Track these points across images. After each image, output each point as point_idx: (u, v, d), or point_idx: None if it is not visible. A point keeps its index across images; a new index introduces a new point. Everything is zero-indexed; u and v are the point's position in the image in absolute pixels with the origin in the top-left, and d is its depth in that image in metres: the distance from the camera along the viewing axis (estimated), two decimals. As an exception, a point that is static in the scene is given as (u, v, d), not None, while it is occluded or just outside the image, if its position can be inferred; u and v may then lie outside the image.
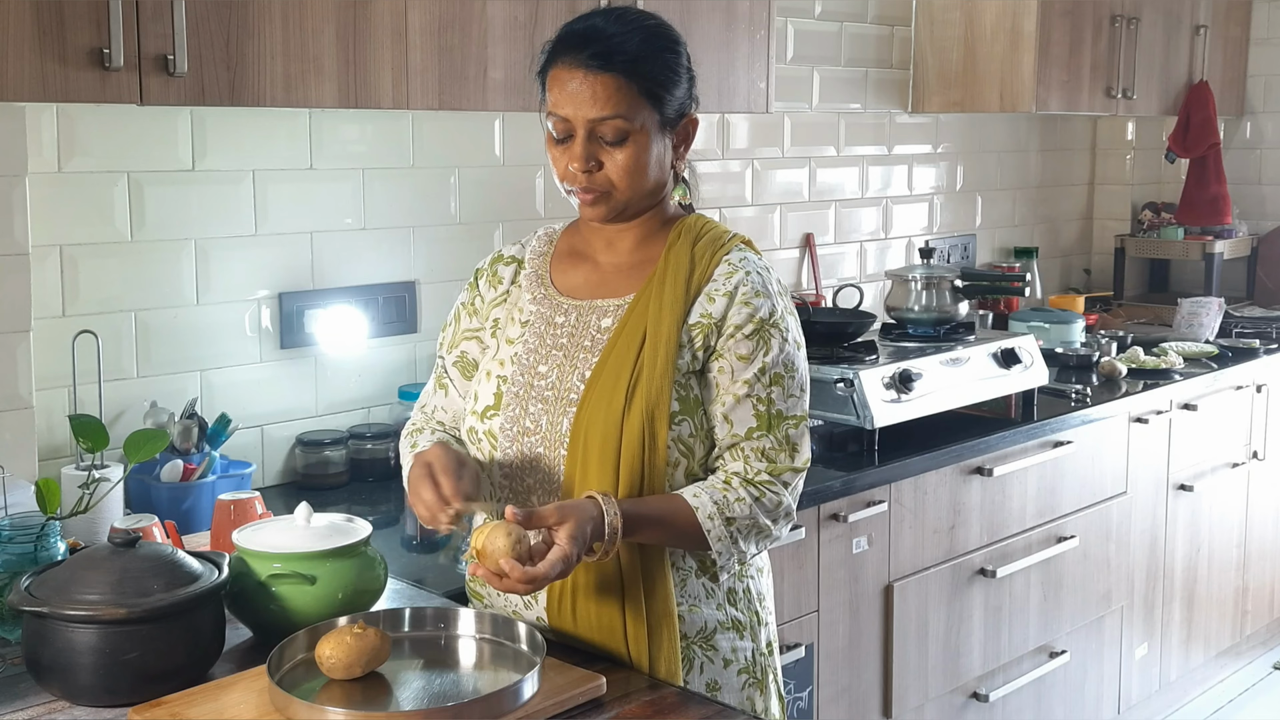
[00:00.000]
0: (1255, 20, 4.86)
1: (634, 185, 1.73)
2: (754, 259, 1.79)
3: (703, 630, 1.76)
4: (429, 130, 2.86)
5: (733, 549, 1.71)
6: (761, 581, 1.86)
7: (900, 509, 2.91)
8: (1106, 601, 3.57)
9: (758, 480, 1.71)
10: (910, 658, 2.99)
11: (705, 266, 1.76)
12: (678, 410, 1.71)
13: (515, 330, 1.83)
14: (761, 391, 1.71)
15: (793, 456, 1.74)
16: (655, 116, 1.73)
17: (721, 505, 1.68)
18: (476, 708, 1.51)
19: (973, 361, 3.20)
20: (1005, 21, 3.85)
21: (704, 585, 1.77)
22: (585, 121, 1.69)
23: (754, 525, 1.70)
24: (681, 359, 1.72)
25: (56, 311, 2.38)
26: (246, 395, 2.64)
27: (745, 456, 1.72)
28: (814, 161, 3.82)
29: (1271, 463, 4.18)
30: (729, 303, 1.73)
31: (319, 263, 2.73)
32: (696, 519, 1.67)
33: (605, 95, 1.68)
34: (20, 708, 1.59)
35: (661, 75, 1.72)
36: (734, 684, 1.78)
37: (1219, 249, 4.67)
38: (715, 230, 1.82)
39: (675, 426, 1.71)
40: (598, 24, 1.72)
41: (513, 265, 1.90)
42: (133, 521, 2.04)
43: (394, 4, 2.30)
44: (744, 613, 1.81)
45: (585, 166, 1.71)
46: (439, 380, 1.93)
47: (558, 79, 1.71)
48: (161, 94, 2.03)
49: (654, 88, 1.71)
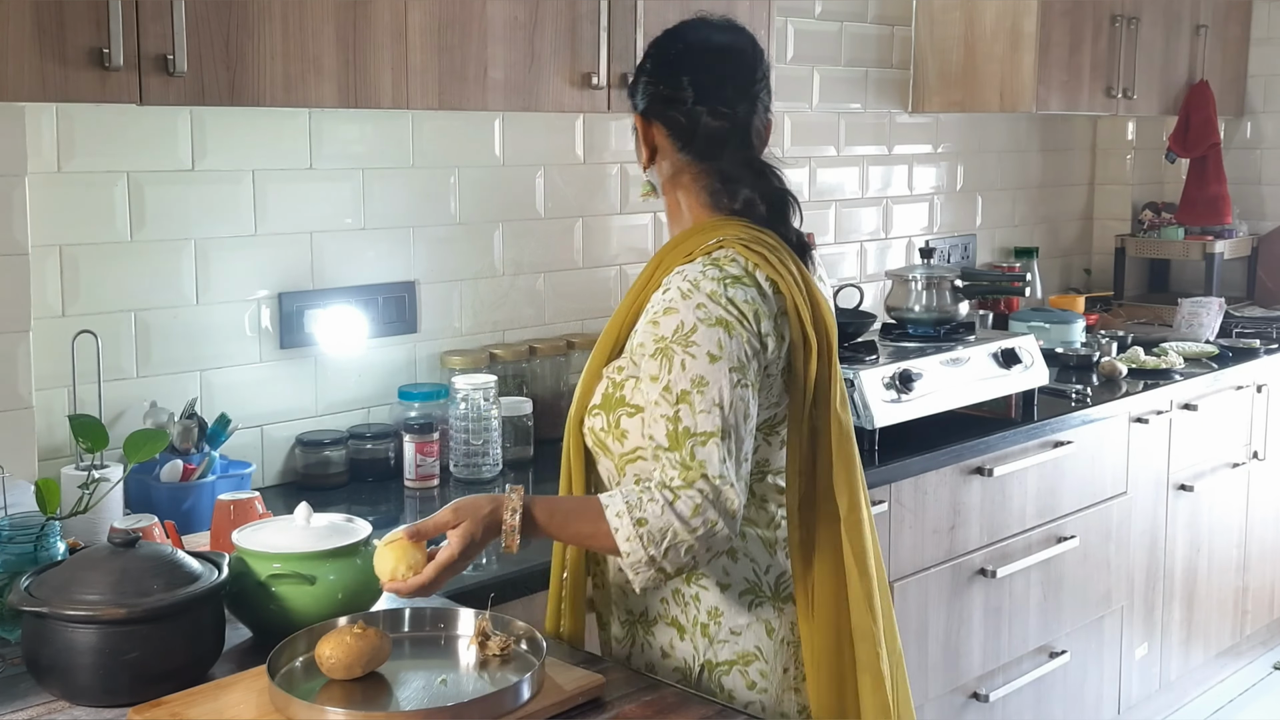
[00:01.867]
0: (1255, 20, 4.86)
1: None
2: (697, 269, 1.74)
3: (645, 614, 1.85)
4: (429, 130, 2.86)
5: (644, 552, 1.63)
6: (719, 598, 1.80)
7: (900, 509, 2.91)
8: (1106, 601, 3.57)
9: (671, 484, 1.64)
10: (910, 658, 2.97)
11: (660, 277, 1.79)
12: (597, 404, 1.80)
13: None
14: (668, 410, 1.67)
15: (702, 469, 1.64)
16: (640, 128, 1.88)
17: (633, 505, 1.64)
18: (476, 708, 1.51)
19: (973, 361, 3.20)
20: (1005, 21, 3.85)
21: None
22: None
23: (668, 530, 1.62)
24: (619, 360, 1.80)
25: (56, 311, 2.38)
26: (246, 395, 2.64)
27: (662, 465, 1.67)
28: (814, 161, 3.82)
29: (1271, 463, 4.18)
30: (644, 321, 1.75)
31: (319, 263, 2.73)
32: (605, 515, 1.65)
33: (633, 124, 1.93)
34: (20, 708, 1.59)
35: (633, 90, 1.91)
36: (669, 676, 1.81)
37: (1219, 249, 4.67)
38: (700, 239, 1.80)
39: (591, 418, 1.81)
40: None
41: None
42: (132, 521, 2.04)
43: (394, 4, 2.30)
44: (685, 617, 1.81)
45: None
46: None
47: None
48: (161, 94, 2.03)
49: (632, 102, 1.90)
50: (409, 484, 2.69)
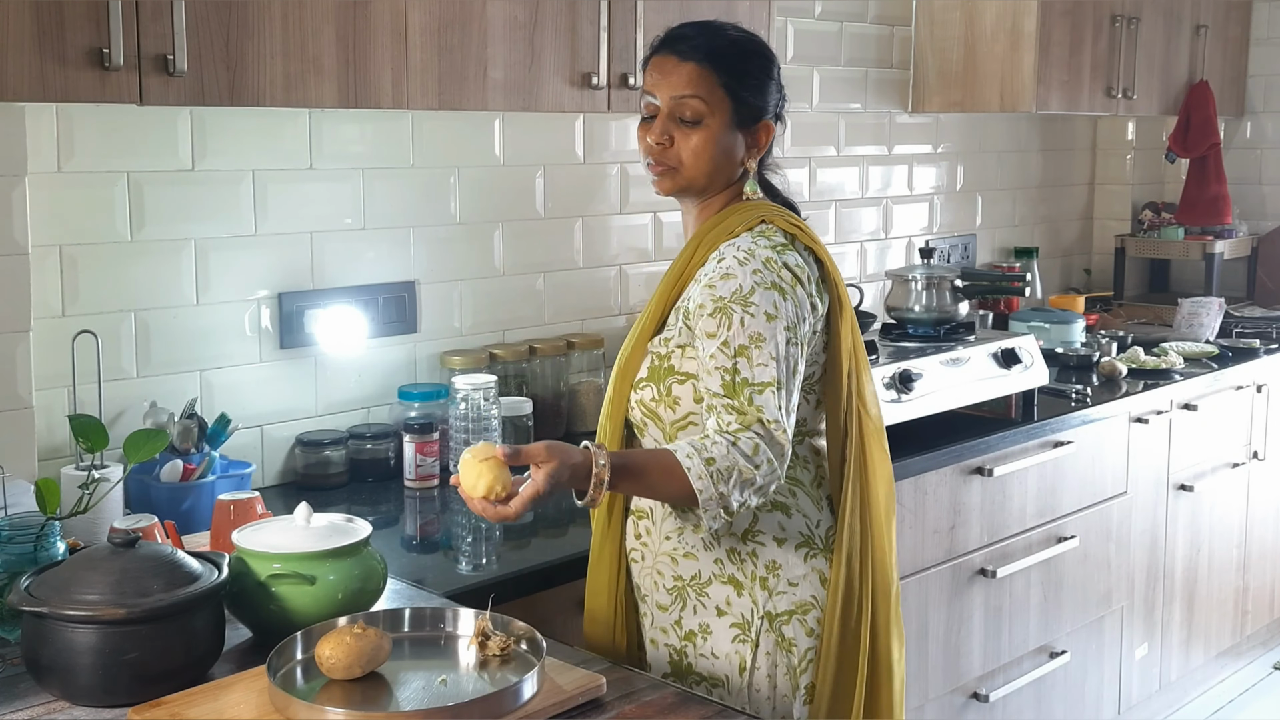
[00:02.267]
0: (1255, 20, 4.86)
1: (698, 166, 1.94)
2: (748, 240, 1.91)
3: (696, 577, 1.93)
4: (429, 130, 2.86)
5: (714, 489, 1.75)
6: (777, 551, 1.93)
7: (900, 509, 2.91)
8: (1106, 602, 3.57)
9: (729, 429, 1.79)
10: (910, 658, 2.98)
11: (705, 253, 1.94)
12: (644, 377, 1.93)
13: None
14: (726, 363, 1.82)
15: (760, 413, 1.80)
16: (731, 109, 1.93)
17: (699, 448, 1.76)
18: (476, 708, 1.51)
19: (973, 361, 3.20)
20: (1005, 21, 3.85)
21: (702, 539, 1.92)
22: (669, 99, 1.93)
23: (734, 468, 1.75)
24: (664, 333, 1.93)
25: (56, 311, 2.38)
26: (246, 395, 2.64)
27: (717, 412, 1.82)
28: (814, 161, 3.82)
29: (1272, 463, 4.18)
30: (698, 287, 1.89)
31: (319, 263, 2.73)
32: (677, 458, 1.76)
33: (689, 77, 1.92)
34: (20, 708, 1.59)
35: (741, 73, 1.94)
36: (724, 634, 1.92)
37: (1219, 249, 4.67)
38: (740, 214, 1.95)
39: (639, 391, 1.93)
40: (690, 31, 1.98)
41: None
42: (132, 521, 2.04)
43: (394, 4, 2.30)
44: (743, 573, 1.92)
45: (660, 139, 1.93)
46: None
47: (654, 65, 1.97)
48: (161, 94, 2.03)
49: (733, 82, 1.93)
50: (409, 484, 2.69)
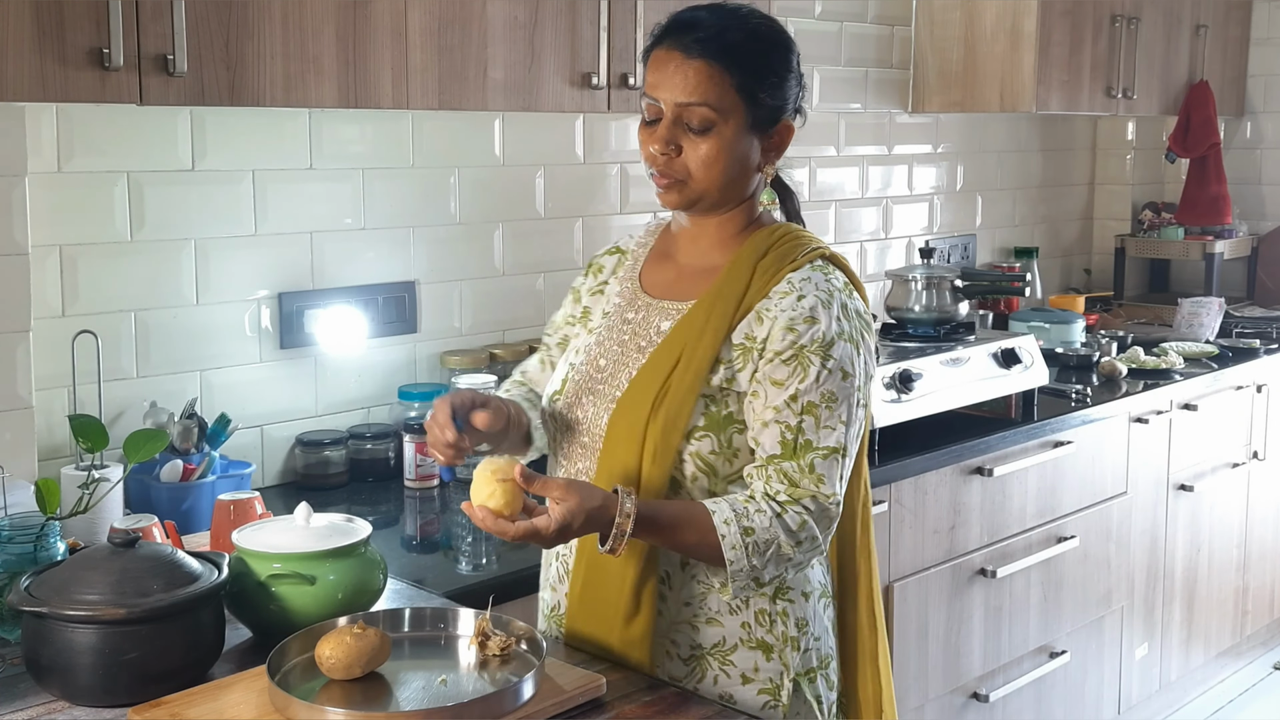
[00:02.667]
0: (1255, 20, 4.86)
1: (710, 178, 1.71)
2: (822, 278, 1.71)
3: (720, 645, 1.73)
4: (429, 130, 2.86)
5: (747, 562, 1.62)
6: (805, 607, 1.76)
7: (900, 509, 2.91)
8: (1106, 602, 3.57)
9: (778, 498, 1.64)
10: (910, 658, 2.99)
11: (764, 283, 1.71)
12: (701, 425, 1.69)
13: (597, 320, 1.87)
14: (791, 419, 1.65)
15: (818, 484, 1.65)
16: (746, 113, 1.70)
17: (740, 514, 1.62)
18: (476, 708, 1.51)
19: (973, 361, 3.20)
20: (1005, 21, 3.85)
21: (728, 604, 1.73)
22: (673, 105, 1.69)
23: (773, 543, 1.62)
24: (716, 375, 1.69)
25: (56, 311, 2.38)
26: (246, 395, 2.64)
27: (767, 476, 1.66)
28: (814, 161, 3.82)
29: (1272, 463, 4.18)
30: (772, 326, 1.68)
31: (319, 263, 2.73)
32: (713, 523, 1.62)
33: (697, 81, 1.67)
34: (20, 708, 1.59)
35: (758, 71, 1.70)
36: (751, 700, 1.73)
37: (1219, 249, 4.67)
38: (793, 243, 1.75)
39: (695, 442, 1.69)
40: (702, 15, 1.71)
41: (616, 256, 1.93)
42: (132, 521, 2.04)
43: (394, 4, 2.30)
44: (773, 636, 1.74)
45: (665, 150, 1.70)
46: (543, 356, 1.98)
47: (657, 60, 1.71)
48: (161, 94, 2.03)
49: (748, 82, 1.69)
50: (409, 484, 2.69)
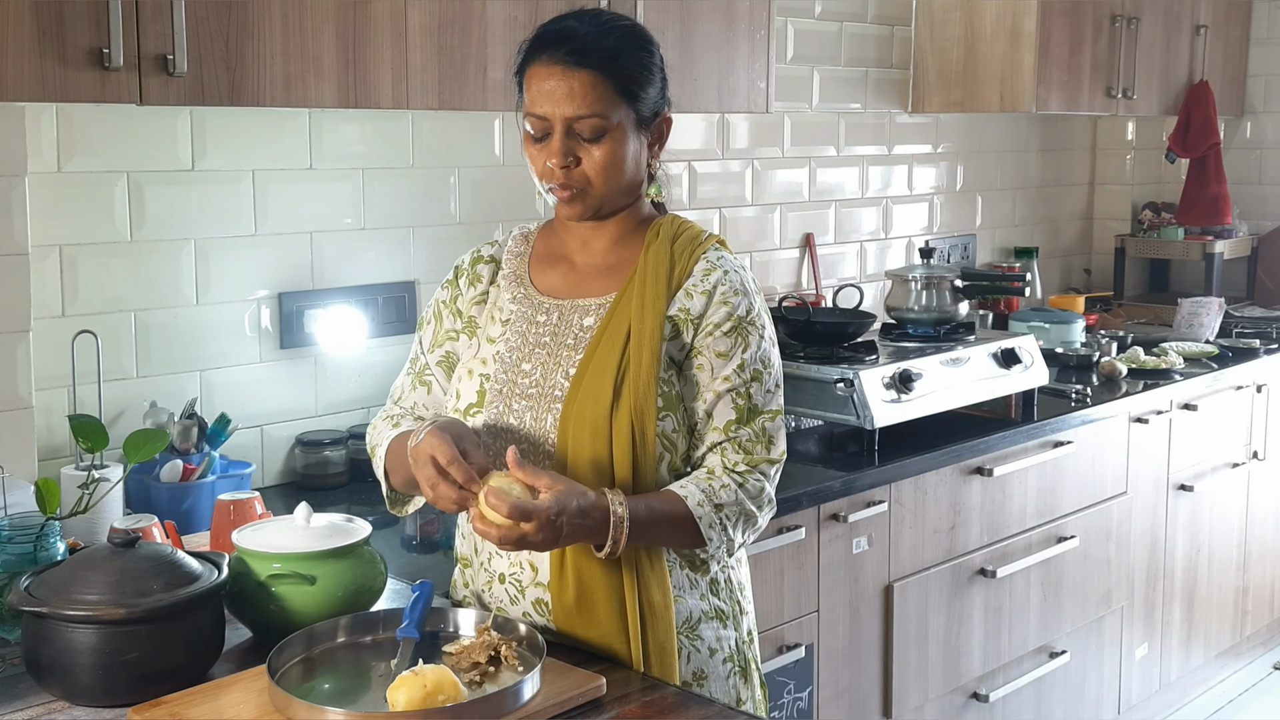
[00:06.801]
0: (1255, 20, 4.86)
1: (611, 182, 1.76)
2: (730, 258, 1.84)
3: (688, 620, 1.78)
4: (429, 130, 2.86)
5: (723, 536, 1.72)
6: (741, 571, 1.89)
7: (900, 509, 2.91)
8: (1106, 602, 3.57)
9: (738, 469, 1.75)
10: (910, 658, 2.99)
11: (685, 264, 1.80)
12: (662, 406, 1.74)
13: (496, 329, 1.85)
14: (741, 387, 1.75)
15: (769, 449, 1.77)
16: (631, 114, 1.75)
17: (709, 493, 1.71)
18: (476, 708, 1.51)
19: (973, 361, 3.20)
20: (1005, 21, 3.85)
21: (687, 576, 1.79)
22: (563, 119, 1.72)
23: (741, 512, 1.73)
24: (667, 345, 1.76)
25: (56, 311, 2.38)
26: (246, 395, 2.64)
27: (723, 450, 1.76)
28: (814, 161, 3.82)
29: (1271, 463, 4.18)
30: (707, 301, 1.78)
31: (319, 263, 2.73)
32: (688, 508, 1.69)
33: (582, 92, 1.71)
34: (20, 708, 1.59)
35: (637, 73, 1.75)
36: (720, 672, 1.81)
37: (1219, 249, 4.67)
38: (691, 230, 1.86)
39: (660, 422, 1.74)
40: (572, 24, 1.75)
41: (491, 265, 1.93)
42: (132, 521, 2.04)
43: (394, 4, 2.30)
44: (726, 602, 1.83)
45: (564, 163, 1.74)
46: (419, 378, 1.93)
47: (535, 77, 1.74)
48: (161, 94, 2.03)
49: (630, 85, 1.74)
50: (409, 484, 2.69)
